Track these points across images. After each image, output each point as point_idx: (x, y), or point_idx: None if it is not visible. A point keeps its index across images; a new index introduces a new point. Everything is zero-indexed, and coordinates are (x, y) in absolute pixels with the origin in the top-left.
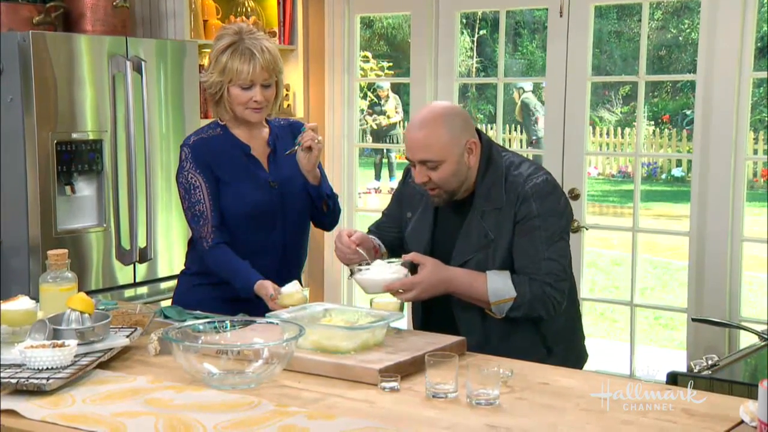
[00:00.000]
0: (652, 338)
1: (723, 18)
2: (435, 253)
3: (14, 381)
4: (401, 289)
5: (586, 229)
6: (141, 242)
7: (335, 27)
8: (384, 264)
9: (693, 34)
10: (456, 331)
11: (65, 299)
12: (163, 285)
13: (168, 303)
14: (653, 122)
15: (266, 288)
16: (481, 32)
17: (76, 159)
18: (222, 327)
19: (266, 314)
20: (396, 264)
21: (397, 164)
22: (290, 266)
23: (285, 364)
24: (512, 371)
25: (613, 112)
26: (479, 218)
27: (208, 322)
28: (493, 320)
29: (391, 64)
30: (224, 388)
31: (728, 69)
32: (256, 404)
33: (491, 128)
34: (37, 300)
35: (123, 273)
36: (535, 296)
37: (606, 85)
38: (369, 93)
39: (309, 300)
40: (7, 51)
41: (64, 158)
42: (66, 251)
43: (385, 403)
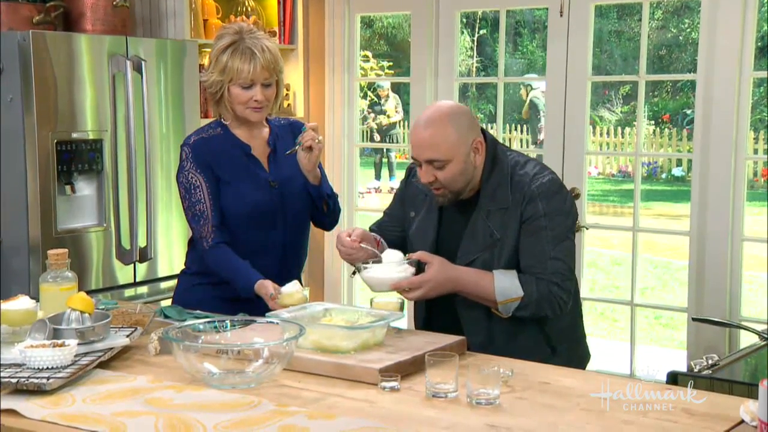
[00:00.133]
0: (653, 338)
1: (723, 17)
2: (440, 253)
3: (14, 380)
4: (408, 288)
5: (587, 229)
6: (141, 242)
7: (335, 26)
8: (391, 262)
9: (693, 34)
10: (460, 331)
11: (65, 299)
12: (163, 285)
13: (168, 302)
14: (653, 122)
15: (266, 287)
16: (482, 32)
17: (76, 158)
18: (222, 327)
19: (266, 314)
20: (403, 262)
21: (397, 164)
22: (290, 266)
23: (285, 364)
24: (512, 371)
25: (614, 112)
26: (485, 218)
27: (208, 322)
28: (498, 319)
29: (392, 64)
30: (224, 388)
31: (728, 68)
32: (256, 404)
33: (492, 128)
34: (38, 300)
35: (123, 272)
36: (542, 296)
37: (606, 85)
38: (369, 93)
39: (309, 300)
40: (7, 50)
41: (64, 158)
42: (66, 251)
43: (385, 403)
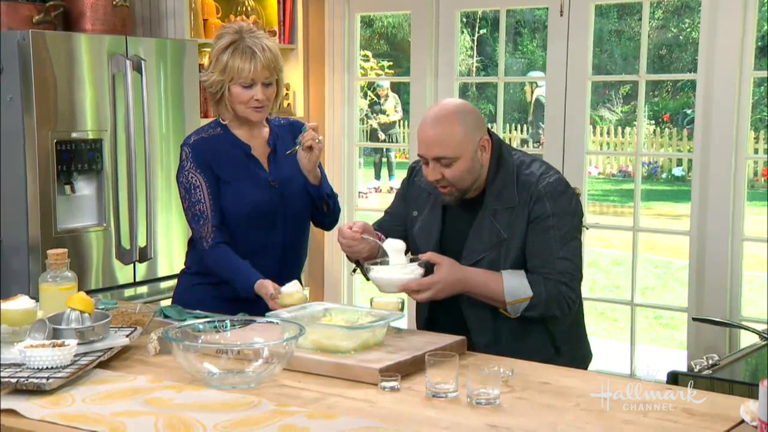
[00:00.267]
0: (653, 338)
1: (723, 17)
2: (444, 252)
3: (14, 380)
4: (417, 289)
5: (587, 229)
6: (141, 242)
7: (335, 26)
8: (399, 263)
9: (693, 33)
10: (464, 330)
11: (65, 299)
12: (163, 284)
13: (168, 302)
14: (654, 121)
15: (266, 287)
16: (482, 31)
17: (76, 158)
18: (222, 326)
19: (266, 314)
20: (411, 264)
21: (397, 163)
22: (290, 266)
23: (285, 364)
24: (512, 371)
25: (614, 112)
26: (491, 217)
27: (208, 322)
28: (504, 320)
29: (392, 64)
30: (224, 388)
31: (729, 68)
32: (256, 404)
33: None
34: (37, 299)
35: (123, 272)
36: (551, 296)
37: (606, 85)
38: (369, 92)
39: (309, 299)
40: (7, 50)
41: (64, 157)
42: (66, 251)
43: (385, 403)
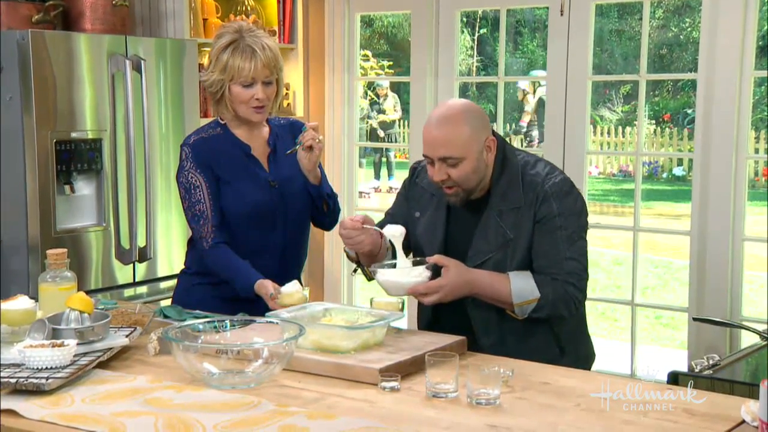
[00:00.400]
0: (653, 338)
1: (724, 17)
2: (449, 253)
3: (13, 381)
4: (425, 292)
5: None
6: (140, 241)
7: (335, 26)
8: (406, 266)
9: (694, 33)
10: (468, 331)
11: (64, 299)
12: (163, 284)
13: (167, 302)
14: (654, 121)
15: (266, 287)
16: (482, 31)
17: (76, 158)
18: (222, 326)
19: (266, 314)
20: (419, 266)
21: (397, 163)
22: (290, 266)
23: (285, 364)
24: (513, 371)
25: (614, 111)
26: (497, 217)
27: (208, 322)
28: (510, 321)
29: (392, 63)
30: (224, 388)
31: (729, 68)
32: (256, 404)
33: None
34: (37, 299)
35: (122, 272)
36: (558, 296)
37: (607, 84)
38: (369, 92)
39: (309, 300)
40: (6, 50)
41: (64, 157)
42: (65, 251)
43: (386, 403)
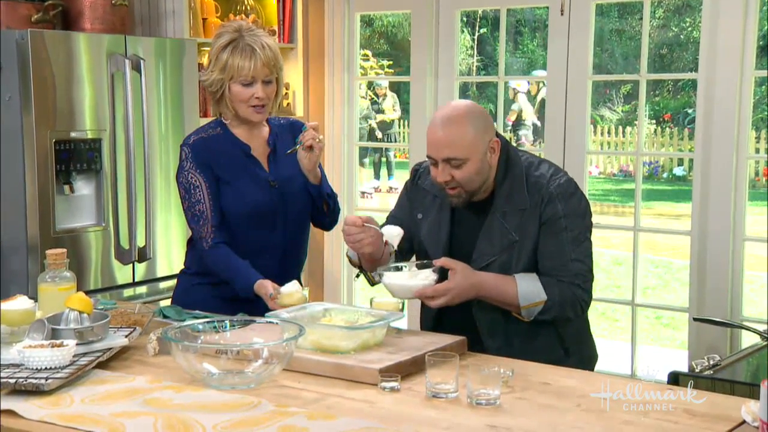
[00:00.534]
0: (654, 338)
1: (725, 16)
2: (454, 255)
3: (13, 381)
4: (432, 295)
5: None
6: (140, 241)
7: (335, 25)
8: (413, 269)
9: (694, 33)
10: (475, 333)
11: (64, 299)
12: (162, 284)
13: (167, 302)
14: (655, 121)
15: (266, 287)
16: (482, 30)
17: (75, 158)
18: (221, 327)
19: (266, 314)
20: (426, 269)
21: (396, 163)
22: (290, 266)
23: (285, 364)
24: (513, 371)
25: (615, 111)
26: (501, 219)
27: (208, 322)
28: (515, 322)
29: (391, 63)
30: (224, 388)
31: (730, 67)
32: (256, 404)
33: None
34: (36, 299)
35: (122, 272)
36: (565, 298)
37: (607, 84)
38: (369, 92)
39: (309, 300)
40: (6, 49)
41: (63, 157)
42: (64, 251)
43: (385, 403)
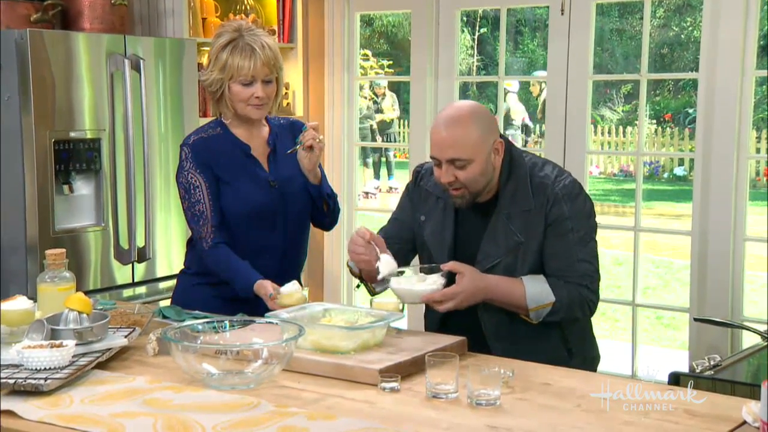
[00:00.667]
0: (654, 338)
1: (725, 16)
2: (458, 256)
3: (12, 381)
4: (441, 299)
5: None
6: (139, 242)
7: (335, 25)
8: (420, 274)
9: (695, 32)
10: (480, 335)
11: (63, 299)
12: (162, 285)
13: (167, 303)
14: (655, 121)
15: (266, 287)
16: (482, 30)
17: (74, 158)
18: (221, 327)
19: (265, 314)
20: (433, 273)
21: (396, 163)
22: (290, 266)
23: (284, 365)
24: (513, 372)
25: (615, 111)
26: (506, 220)
27: (207, 322)
28: (520, 324)
29: (391, 63)
30: (223, 389)
31: (731, 67)
32: (256, 404)
33: None
34: (35, 300)
35: (121, 273)
36: (573, 299)
37: (607, 84)
38: (369, 91)
39: (309, 300)
40: (5, 49)
41: (62, 157)
42: (64, 251)
43: (385, 404)
